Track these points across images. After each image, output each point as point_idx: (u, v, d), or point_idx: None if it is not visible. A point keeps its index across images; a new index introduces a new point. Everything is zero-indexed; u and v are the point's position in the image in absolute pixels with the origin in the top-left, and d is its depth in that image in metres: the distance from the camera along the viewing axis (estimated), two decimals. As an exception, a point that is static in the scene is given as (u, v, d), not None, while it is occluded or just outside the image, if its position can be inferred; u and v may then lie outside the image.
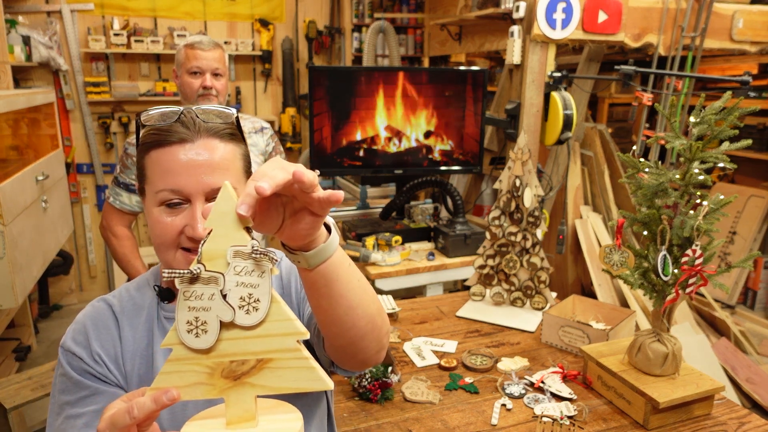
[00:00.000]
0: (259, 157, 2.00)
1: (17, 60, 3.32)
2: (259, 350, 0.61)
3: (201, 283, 0.60)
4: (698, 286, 1.26)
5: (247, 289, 0.60)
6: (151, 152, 0.81)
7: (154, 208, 0.82)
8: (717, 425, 1.27)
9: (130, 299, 0.90)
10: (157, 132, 0.81)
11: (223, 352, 0.61)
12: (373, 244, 2.35)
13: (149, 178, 0.82)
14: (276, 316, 0.61)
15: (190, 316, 0.60)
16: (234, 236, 0.59)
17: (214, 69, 1.84)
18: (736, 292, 3.70)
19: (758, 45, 3.01)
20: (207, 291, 0.60)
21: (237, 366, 0.62)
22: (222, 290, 0.60)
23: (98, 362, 0.84)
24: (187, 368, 0.61)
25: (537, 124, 2.70)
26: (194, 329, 0.60)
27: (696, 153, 1.24)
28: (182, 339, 0.61)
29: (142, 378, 0.85)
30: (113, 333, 0.87)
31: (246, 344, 0.61)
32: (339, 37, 4.31)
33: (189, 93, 1.83)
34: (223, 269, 0.60)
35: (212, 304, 0.60)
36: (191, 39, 1.84)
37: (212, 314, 0.60)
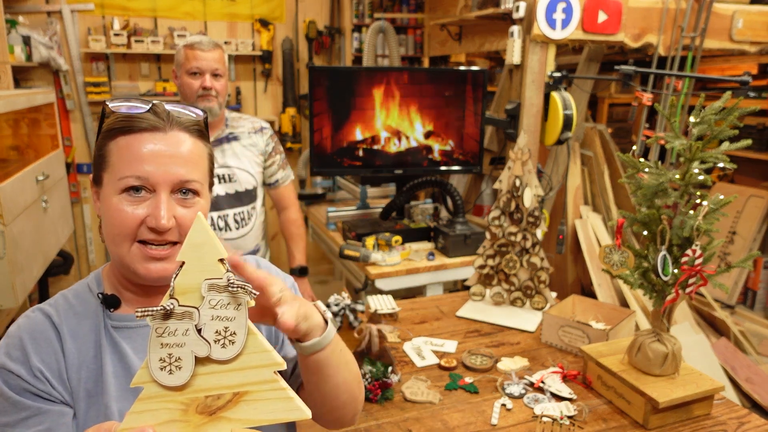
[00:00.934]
0: (258, 157, 2.00)
1: (17, 60, 3.33)
2: (235, 383, 0.60)
3: (175, 318, 0.58)
4: (698, 286, 1.26)
5: (223, 323, 0.58)
6: (119, 138, 0.79)
7: (114, 196, 0.78)
8: (717, 425, 1.27)
9: (69, 308, 0.84)
10: (127, 118, 0.79)
11: (198, 387, 0.59)
12: (373, 244, 2.35)
13: (112, 164, 0.79)
14: (252, 348, 0.59)
15: (163, 353, 0.58)
16: (208, 269, 0.58)
17: (214, 69, 1.83)
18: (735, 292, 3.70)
19: (758, 45, 3.01)
20: (181, 326, 0.58)
21: (212, 401, 0.60)
22: (197, 325, 0.58)
23: (40, 379, 0.77)
24: (160, 406, 0.59)
25: (537, 124, 2.70)
26: (168, 366, 0.58)
27: (696, 153, 1.24)
28: (155, 377, 0.59)
29: (90, 392, 0.79)
30: (55, 346, 0.80)
31: (222, 378, 0.60)
32: (339, 37, 4.31)
33: (189, 93, 1.83)
34: (197, 303, 0.58)
35: (187, 339, 0.58)
36: (191, 39, 1.84)
37: (187, 350, 0.58)
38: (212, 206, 1.90)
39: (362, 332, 1.45)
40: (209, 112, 1.85)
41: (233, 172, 1.92)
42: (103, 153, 0.80)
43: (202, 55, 1.81)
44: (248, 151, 1.96)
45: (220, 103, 1.88)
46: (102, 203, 0.81)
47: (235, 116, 1.99)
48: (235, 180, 1.92)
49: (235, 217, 1.94)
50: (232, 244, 1.94)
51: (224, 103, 1.91)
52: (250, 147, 1.97)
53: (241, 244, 1.96)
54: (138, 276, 0.81)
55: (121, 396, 0.81)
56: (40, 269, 2.57)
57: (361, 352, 1.44)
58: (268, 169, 2.04)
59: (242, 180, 1.94)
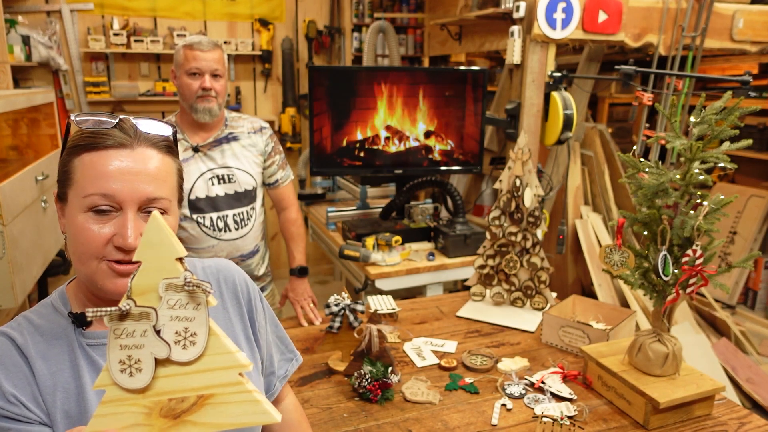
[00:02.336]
0: (258, 157, 1.99)
1: (17, 60, 3.32)
2: (198, 386, 0.58)
3: (132, 319, 0.57)
4: (698, 286, 1.26)
5: (183, 323, 0.57)
6: (84, 155, 0.77)
7: (79, 214, 0.77)
8: (717, 425, 1.27)
9: (34, 330, 0.81)
10: (92, 135, 0.77)
11: (161, 390, 0.58)
12: (373, 244, 2.34)
13: (77, 181, 0.77)
14: (215, 350, 0.58)
15: (122, 354, 0.57)
16: (166, 268, 0.56)
17: (213, 70, 1.83)
18: (736, 292, 3.70)
19: (758, 45, 3.01)
20: (139, 327, 0.57)
21: (176, 404, 0.58)
22: (155, 326, 0.57)
23: (14, 403, 0.75)
24: (123, 409, 0.58)
25: (537, 124, 2.70)
26: (128, 368, 0.57)
27: (696, 153, 1.24)
28: (115, 379, 0.57)
29: (68, 414, 0.78)
30: (24, 370, 0.77)
31: (185, 380, 0.58)
32: (339, 37, 4.31)
33: (188, 94, 1.82)
34: (155, 303, 0.57)
35: (145, 341, 0.57)
36: (190, 39, 1.83)
37: (146, 351, 0.57)
38: (211, 207, 1.89)
39: (362, 332, 1.44)
40: (209, 113, 1.84)
41: (232, 173, 1.92)
42: (68, 169, 0.78)
43: (201, 56, 1.81)
44: (247, 152, 1.96)
45: (220, 103, 1.87)
46: (67, 221, 0.79)
47: (234, 116, 1.99)
48: (234, 180, 1.92)
49: (234, 218, 1.93)
50: (231, 244, 1.94)
51: (224, 103, 1.90)
52: (249, 147, 1.97)
53: (240, 245, 1.96)
54: (107, 292, 0.79)
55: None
56: (40, 269, 2.57)
57: (361, 352, 1.44)
58: (268, 170, 2.03)
59: (242, 180, 1.93)
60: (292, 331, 1.76)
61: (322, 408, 1.34)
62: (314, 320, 1.83)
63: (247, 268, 2.01)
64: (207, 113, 1.84)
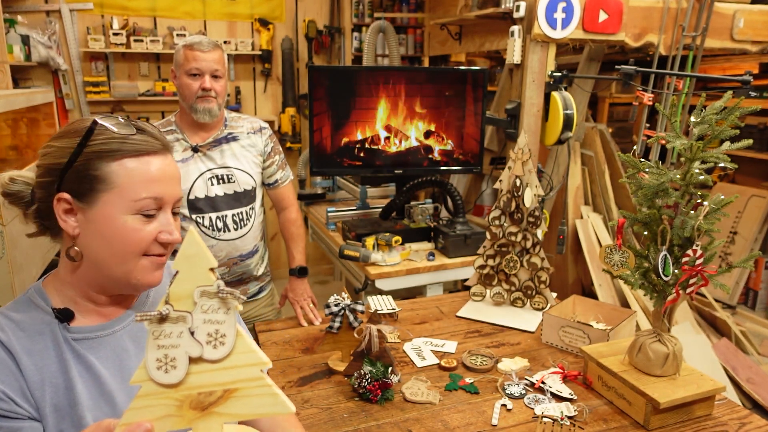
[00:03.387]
0: (257, 157, 1.99)
1: (16, 59, 3.32)
2: (225, 381, 0.65)
3: (170, 322, 0.63)
4: (699, 286, 1.26)
5: (214, 326, 0.63)
6: (125, 160, 0.81)
7: (125, 216, 0.81)
8: (718, 426, 1.27)
9: (15, 326, 0.82)
10: (134, 141, 0.82)
11: (191, 385, 0.64)
12: (373, 244, 2.34)
13: (121, 185, 0.81)
14: (241, 349, 0.64)
15: (159, 354, 0.63)
16: (200, 277, 0.63)
17: (214, 71, 1.82)
18: (736, 292, 3.70)
19: (759, 44, 3.01)
20: (176, 329, 0.63)
21: (204, 397, 0.64)
22: (190, 328, 0.63)
23: (3, 399, 0.76)
24: (157, 402, 0.64)
25: (537, 124, 2.70)
26: (164, 366, 0.63)
27: (697, 153, 1.23)
28: (152, 376, 0.63)
29: (57, 407, 0.80)
30: (10, 366, 0.78)
31: (213, 376, 0.64)
32: (339, 37, 4.31)
33: (188, 94, 1.82)
34: (190, 308, 0.63)
35: (181, 341, 0.63)
36: (190, 39, 1.83)
37: (181, 351, 0.63)
38: (211, 207, 1.89)
39: (362, 332, 1.44)
40: (208, 113, 1.84)
41: (232, 173, 1.92)
42: (99, 174, 0.81)
43: (201, 56, 1.80)
44: (247, 152, 1.96)
45: (220, 104, 1.87)
46: (100, 222, 0.81)
47: (234, 116, 1.99)
48: (233, 180, 1.92)
49: (233, 218, 1.93)
50: (230, 244, 1.94)
51: (224, 103, 1.90)
52: (249, 147, 1.96)
53: (239, 245, 1.96)
54: (145, 285, 0.86)
55: (94, 406, 0.82)
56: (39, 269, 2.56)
57: (361, 353, 1.43)
58: (267, 170, 2.03)
59: (241, 180, 1.93)
60: (292, 331, 1.76)
61: (322, 408, 1.33)
62: (314, 320, 1.82)
63: (246, 268, 2.01)
64: (207, 113, 1.84)
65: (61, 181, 0.81)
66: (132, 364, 0.88)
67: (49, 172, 0.82)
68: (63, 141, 0.82)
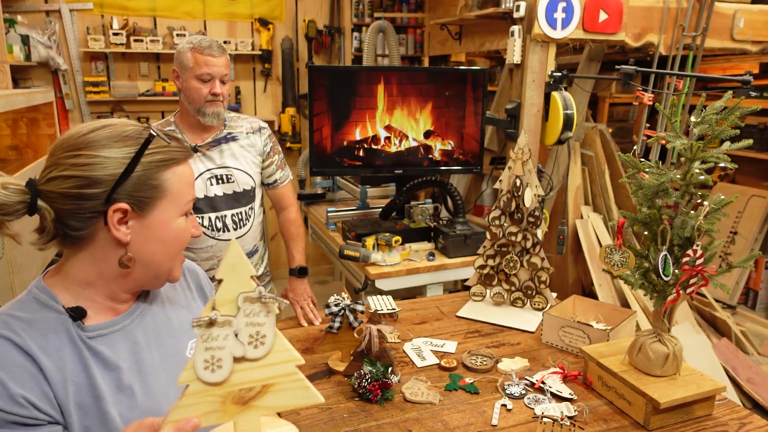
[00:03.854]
0: (257, 157, 1.99)
1: (16, 59, 3.32)
2: (264, 377, 0.71)
3: (217, 326, 0.68)
4: (699, 286, 1.26)
5: (255, 328, 0.70)
6: (175, 167, 0.87)
7: (178, 218, 0.88)
8: (718, 426, 1.27)
9: (27, 326, 0.81)
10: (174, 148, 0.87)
11: (234, 382, 0.70)
12: (373, 244, 2.34)
13: (172, 191, 0.86)
14: (278, 347, 0.71)
15: (207, 355, 0.69)
16: (243, 284, 0.69)
17: (223, 75, 1.82)
18: (737, 292, 3.70)
19: (759, 44, 3.01)
20: (222, 333, 0.69)
21: (245, 393, 0.71)
22: (234, 330, 0.69)
23: (23, 405, 0.76)
24: (202, 400, 0.69)
25: (537, 124, 2.70)
26: (210, 366, 0.69)
27: (697, 153, 1.23)
28: (200, 376, 0.69)
29: (81, 405, 0.80)
30: (30, 369, 0.78)
31: (253, 373, 0.71)
32: (339, 37, 4.31)
33: (196, 98, 1.81)
34: (233, 312, 0.69)
35: (226, 343, 0.69)
36: (198, 42, 1.81)
37: (226, 352, 0.69)
38: (210, 207, 1.89)
39: (362, 332, 1.44)
40: (217, 117, 1.85)
41: (231, 173, 1.91)
42: (158, 183, 0.85)
43: (213, 62, 1.79)
44: (246, 152, 1.95)
45: (225, 107, 1.87)
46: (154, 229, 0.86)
47: (233, 116, 1.99)
48: (232, 180, 1.92)
49: (233, 218, 1.93)
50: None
51: (227, 106, 1.90)
52: (248, 147, 1.96)
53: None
54: (175, 280, 0.93)
55: (116, 400, 0.84)
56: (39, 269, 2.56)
57: (361, 353, 1.43)
58: (267, 170, 2.03)
59: (240, 180, 1.93)
60: (291, 331, 1.76)
61: (321, 408, 1.33)
62: (314, 320, 1.82)
63: None
64: (215, 117, 1.84)
65: (113, 191, 0.81)
66: (146, 356, 0.89)
67: (98, 182, 0.80)
68: (111, 151, 0.81)
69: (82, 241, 0.84)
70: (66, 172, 0.80)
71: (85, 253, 0.85)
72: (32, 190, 0.80)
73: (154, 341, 0.91)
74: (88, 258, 0.85)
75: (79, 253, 0.85)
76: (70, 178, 0.80)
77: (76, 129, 0.85)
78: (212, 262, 1.92)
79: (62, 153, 0.81)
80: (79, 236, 0.83)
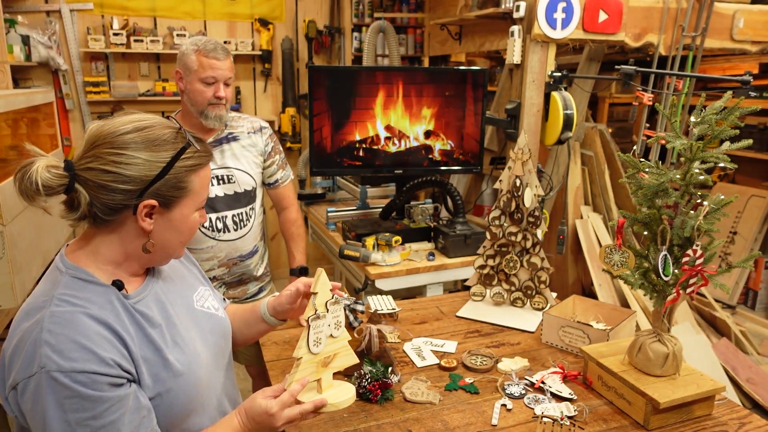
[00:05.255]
0: (258, 157, 1.99)
1: (16, 59, 3.32)
2: (336, 348, 1.12)
3: (321, 319, 1.07)
4: (699, 286, 1.26)
5: (335, 318, 1.11)
6: (200, 171, 0.99)
7: (193, 213, 1.01)
8: (718, 426, 1.27)
9: (87, 301, 0.91)
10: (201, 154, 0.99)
11: (324, 352, 1.10)
12: (373, 244, 2.34)
13: (194, 191, 0.99)
14: (343, 329, 1.13)
15: (314, 336, 1.06)
16: (327, 295, 1.09)
17: (227, 78, 1.82)
18: (736, 292, 3.70)
19: (759, 45, 3.01)
20: (323, 322, 1.08)
21: (327, 359, 1.11)
22: (328, 322, 1.09)
23: (112, 366, 0.87)
24: (309, 365, 1.07)
25: (537, 124, 2.70)
26: (315, 343, 1.07)
27: (696, 153, 1.23)
28: (311, 350, 1.06)
29: (146, 359, 0.95)
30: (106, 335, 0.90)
31: (332, 346, 1.11)
32: (339, 37, 4.31)
33: (200, 101, 1.80)
34: (325, 310, 1.08)
35: (324, 328, 1.08)
36: (203, 45, 1.79)
37: (324, 334, 1.08)
38: (210, 208, 1.89)
39: (362, 332, 1.44)
40: (219, 120, 1.84)
41: (232, 173, 1.91)
42: (186, 184, 0.97)
43: (217, 65, 1.78)
44: (247, 152, 1.95)
45: (227, 109, 1.87)
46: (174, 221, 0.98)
47: (234, 116, 1.98)
48: (233, 181, 1.92)
49: (233, 218, 1.93)
50: (230, 245, 1.94)
51: (229, 107, 1.90)
52: (249, 147, 1.96)
53: (239, 246, 1.95)
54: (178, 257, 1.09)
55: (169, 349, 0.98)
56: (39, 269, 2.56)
57: (361, 353, 1.43)
58: (268, 169, 2.03)
59: (241, 181, 1.93)
60: (292, 331, 1.76)
61: (321, 408, 1.34)
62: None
63: (245, 269, 2.01)
64: (218, 120, 1.84)
65: (145, 189, 0.92)
66: (171, 311, 1.04)
67: (133, 180, 0.91)
68: (149, 154, 0.92)
69: (112, 225, 0.95)
70: (105, 166, 0.90)
71: (115, 236, 0.96)
72: (71, 174, 0.90)
73: (172, 299, 1.06)
74: (116, 240, 0.96)
75: (110, 235, 0.96)
76: (109, 173, 0.90)
77: (119, 124, 0.93)
78: (212, 263, 1.92)
79: (104, 148, 0.91)
80: (109, 220, 0.94)
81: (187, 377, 0.99)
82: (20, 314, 0.91)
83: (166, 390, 0.95)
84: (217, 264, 1.93)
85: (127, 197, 0.91)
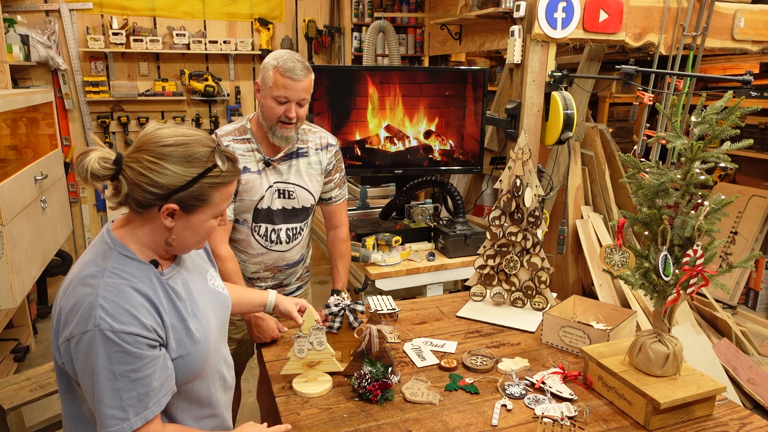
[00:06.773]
0: (320, 176, 1.94)
1: (16, 59, 3.32)
2: (320, 357, 1.43)
3: (303, 338, 1.42)
4: (699, 286, 1.25)
5: (318, 338, 1.43)
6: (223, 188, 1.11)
7: (212, 219, 1.14)
8: (718, 426, 1.26)
9: (132, 275, 1.07)
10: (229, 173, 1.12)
11: (308, 359, 1.43)
12: (373, 244, 2.34)
13: (214, 202, 1.11)
14: (326, 347, 1.43)
15: (297, 347, 1.42)
16: (312, 322, 1.43)
17: (302, 100, 1.75)
18: (737, 292, 3.70)
19: (759, 44, 3.01)
20: (305, 340, 1.42)
21: (311, 363, 1.43)
22: (309, 339, 1.42)
23: (151, 330, 1.04)
24: (295, 363, 1.43)
25: (537, 124, 2.70)
26: (300, 351, 1.42)
27: (697, 153, 1.23)
28: (296, 354, 1.43)
29: (174, 327, 1.10)
30: (147, 305, 1.06)
31: (316, 355, 1.43)
32: (339, 37, 4.30)
33: (270, 117, 1.75)
34: (308, 333, 1.42)
35: (306, 344, 1.42)
36: (283, 62, 1.71)
37: (305, 347, 1.42)
38: (267, 219, 1.86)
39: (362, 333, 1.44)
40: (286, 140, 1.79)
41: (293, 190, 1.87)
42: (206, 197, 1.09)
43: (293, 85, 1.71)
44: (312, 169, 1.90)
45: (298, 127, 1.82)
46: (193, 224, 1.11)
47: (304, 128, 1.92)
48: (294, 197, 1.87)
49: (287, 232, 1.91)
50: (279, 255, 1.92)
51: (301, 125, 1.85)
52: (314, 165, 1.91)
53: (287, 256, 1.94)
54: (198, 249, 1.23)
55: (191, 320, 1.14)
56: (39, 269, 2.56)
57: (361, 353, 1.43)
58: (325, 186, 1.97)
59: (301, 197, 1.89)
60: (292, 331, 1.76)
61: (322, 408, 1.33)
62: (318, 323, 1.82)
63: (289, 275, 2.01)
64: (284, 140, 1.79)
65: (170, 195, 1.06)
66: (193, 288, 1.20)
67: (161, 187, 1.05)
68: (180, 168, 1.05)
69: (144, 215, 1.09)
70: (143, 170, 1.05)
71: (147, 226, 1.11)
72: (118, 167, 1.05)
73: (193, 278, 1.22)
74: (147, 229, 1.11)
75: (143, 224, 1.10)
76: (144, 176, 1.05)
77: (165, 135, 1.07)
78: (259, 267, 1.91)
79: (146, 154, 1.05)
80: (140, 212, 1.09)
81: (202, 344, 1.15)
82: (76, 280, 1.06)
83: (186, 353, 1.12)
84: (263, 268, 1.92)
85: (155, 198, 1.06)
